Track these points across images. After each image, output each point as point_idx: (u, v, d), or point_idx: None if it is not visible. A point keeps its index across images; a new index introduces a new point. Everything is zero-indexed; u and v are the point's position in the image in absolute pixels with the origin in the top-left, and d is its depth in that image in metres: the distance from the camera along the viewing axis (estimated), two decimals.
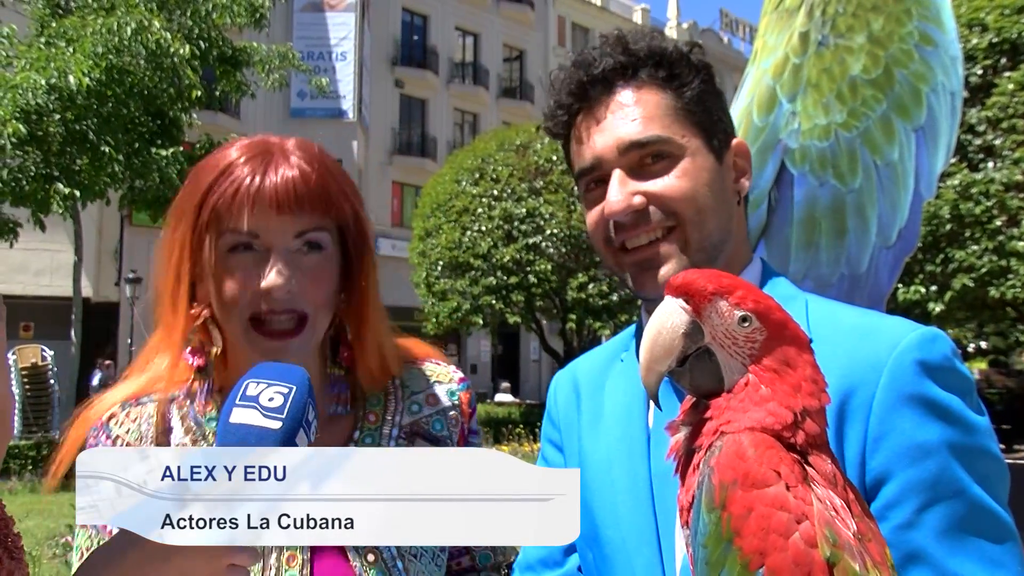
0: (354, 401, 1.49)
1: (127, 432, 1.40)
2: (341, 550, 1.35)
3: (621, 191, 1.27)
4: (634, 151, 1.27)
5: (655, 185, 1.26)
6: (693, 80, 1.30)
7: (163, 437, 1.40)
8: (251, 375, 1.16)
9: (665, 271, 1.26)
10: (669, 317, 0.97)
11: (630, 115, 1.28)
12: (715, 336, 0.96)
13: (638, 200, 1.26)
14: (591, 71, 1.32)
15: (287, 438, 1.10)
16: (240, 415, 1.11)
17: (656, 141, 1.26)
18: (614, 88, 1.31)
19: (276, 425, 1.09)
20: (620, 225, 1.28)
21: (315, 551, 1.35)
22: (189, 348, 1.42)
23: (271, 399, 1.11)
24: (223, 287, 1.34)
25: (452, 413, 1.52)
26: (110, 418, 1.41)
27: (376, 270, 1.46)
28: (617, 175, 1.28)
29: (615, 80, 1.31)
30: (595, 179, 1.32)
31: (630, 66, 1.31)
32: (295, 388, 1.13)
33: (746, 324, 0.95)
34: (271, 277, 1.31)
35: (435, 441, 1.49)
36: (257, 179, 1.31)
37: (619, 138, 1.28)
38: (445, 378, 1.55)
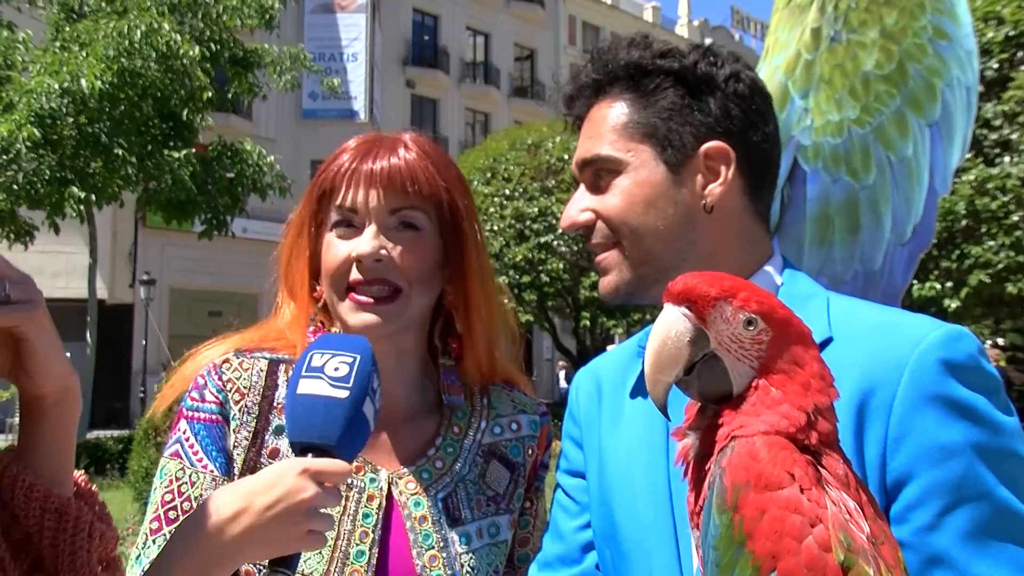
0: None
1: (238, 378, 1.44)
2: (407, 551, 1.39)
3: (573, 207, 1.34)
4: (587, 168, 1.33)
5: (599, 201, 1.32)
6: (656, 88, 1.30)
7: (269, 392, 1.45)
8: (314, 347, 1.19)
9: (606, 280, 1.33)
10: (672, 325, 0.94)
11: (588, 133, 1.34)
12: (721, 341, 0.93)
13: (584, 217, 1.33)
14: (576, 84, 1.38)
15: (355, 406, 1.13)
16: (307, 386, 1.14)
17: (596, 160, 1.31)
18: (592, 104, 1.36)
19: (343, 394, 1.13)
20: (584, 237, 1.35)
21: (384, 544, 1.39)
22: (312, 328, 1.49)
23: (336, 369, 1.15)
24: (327, 260, 1.43)
25: (530, 444, 1.57)
26: (224, 362, 1.46)
27: (481, 260, 1.51)
28: (579, 191, 1.35)
29: (591, 96, 1.36)
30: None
31: (600, 82, 1.35)
32: (359, 357, 1.16)
33: (752, 327, 0.93)
34: (362, 244, 1.39)
35: (510, 465, 1.53)
36: (357, 161, 1.43)
37: (576, 157, 1.35)
38: (530, 408, 1.60)
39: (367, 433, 1.18)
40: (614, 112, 1.31)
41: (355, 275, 1.40)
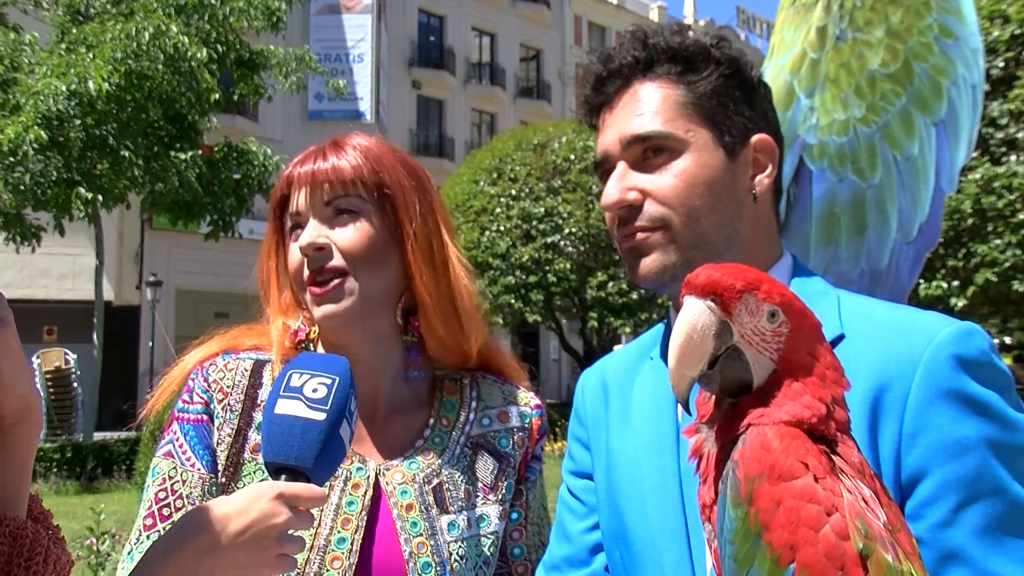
0: (432, 380, 1.59)
1: (222, 378, 1.50)
2: (394, 538, 1.41)
3: (617, 185, 1.28)
4: (636, 145, 1.28)
5: (651, 181, 1.27)
6: (711, 74, 1.29)
7: (252, 390, 1.49)
8: (293, 365, 1.20)
9: (648, 261, 1.27)
10: (699, 319, 0.92)
11: (637, 109, 1.29)
12: (744, 334, 0.92)
13: (632, 196, 1.27)
14: (609, 65, 1.34)
15: (332, 429, 1.14)
16: (285, 406, 1.15)
17: (656, 136, 1.27)
18: (631, 83, 1.32)
19: (321, 416, 1.13)
20: (621, 218, 1.30)
21: (369, 532, 1.41)
22: (299, 323, 1.55)
23: (315, 390, 1.15)
24: (289, 265, 1.51)
25: (519, 435, 1.58)
26: (210, 364, 1.52)
27: (426, 236, 1.53)
28: (619, 169, 1.29)
29: (632, 75, 1.32)
30: (606, 172, 1.33)
31: (646, 61, 1.31)
32: (338, 379, 1.17)
33: (774, 319, 0.92)
34: (303, 237, 1.45)
35: (499, 456, 1.55)
36: (297, 167, 1.51)
37: (622, 133, 1.29)
38: (521, 401, 1.61)
39: (342, 455, 1.18)
40: (669, 91, 1.29)
41: (306, 270, 1.45)
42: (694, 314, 0.92)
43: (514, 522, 1.55)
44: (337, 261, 1.44)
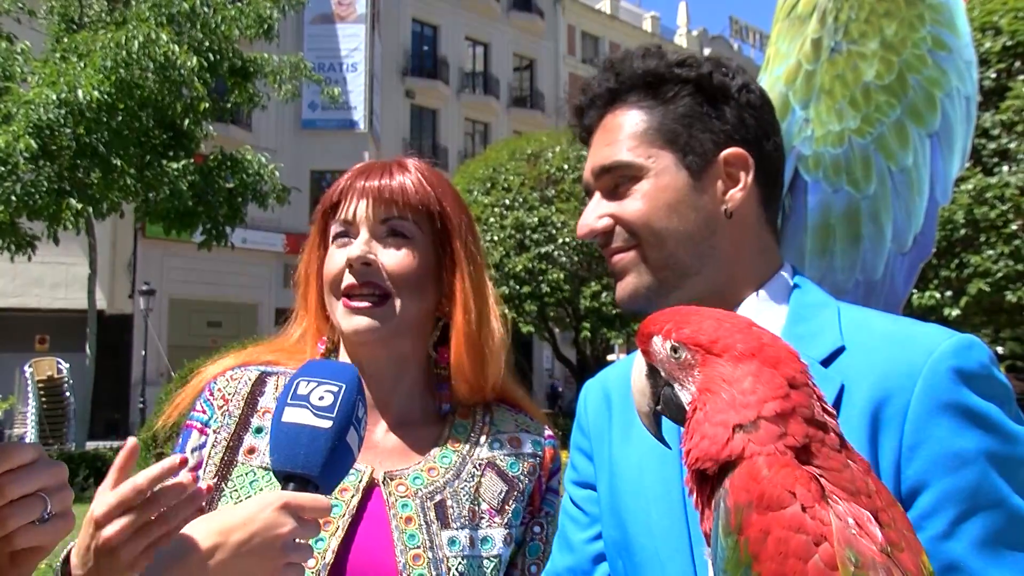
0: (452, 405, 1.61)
1: (225, 387, 1.56)
2: (390, 548, 1.41)
3: (590, 214, 1.35)
4: (605, 175, 1.33)
5: (620, 206, 1.32)
6: (676, 97, 1.31)
7: (253, 398, 1.55)
8: (301, 373, 1.22)
9: (623, 284, 1.33)
10: (636, 364, 1.02)
11: (605, 140, 1.34)
12: (666, 372, 0.98)
13: (602, 223, 1.33)
14: (586, 96, 1.39)
15: (339, 436, 1.15)
16: (292, 414, 1.16)
17: (618, 166, 1.31)
18: (605, 113, 1.37)
19: (327, 424, 1.15)
20: (600, 243, 1.36)
21: (364, 537, 1.42)
22: (323, 339, 1.61)
23: (321, 398, 1.17)
24: (327, 268, 1.54)
25: (531, 461, 1.59)
26: (221, 375, 1.58)
27: (475, 277, 1.57)
28: (594, 199, 1.36)
29: (605, 105, 1.37)
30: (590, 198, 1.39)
31: (616, 90, 1.35)
32: (344, 386, 1.19)
33: (677, 354, 0.96)
34: (352, 249, 1.49)
35: (507, 479, 1.55)
36: (356, 179, 1.55)
37: (593, 163, 1.36)
38: (534, 431, 1.63)
39: (351, 462, 1.19)
40: (632, 119, 1.32)
41: (348, 280, 1.49)
42: (634, 360, 1.03)
43: (533, 556, 1.56)
44: (380, 280, 1.49)
